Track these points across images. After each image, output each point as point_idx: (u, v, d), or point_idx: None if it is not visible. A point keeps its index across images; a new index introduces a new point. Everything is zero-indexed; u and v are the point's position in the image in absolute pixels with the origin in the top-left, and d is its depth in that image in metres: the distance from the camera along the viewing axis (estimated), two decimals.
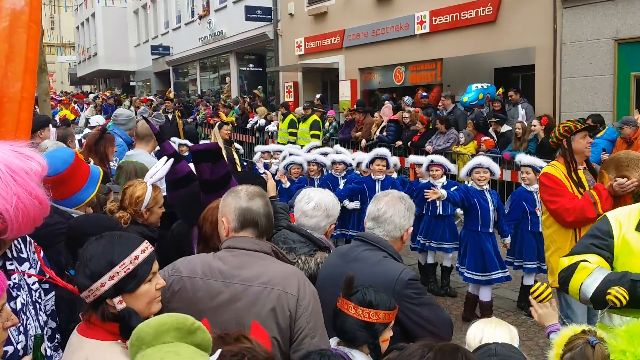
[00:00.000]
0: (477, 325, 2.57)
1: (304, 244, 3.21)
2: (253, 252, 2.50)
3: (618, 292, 2.46)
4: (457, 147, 11.25)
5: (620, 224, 2.68)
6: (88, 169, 3.35)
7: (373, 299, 2.49)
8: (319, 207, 3.29)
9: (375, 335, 2.46)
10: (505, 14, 13.03)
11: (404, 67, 16.24)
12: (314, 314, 2.41)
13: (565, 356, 2.10)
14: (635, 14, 10.40)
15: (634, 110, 10.73)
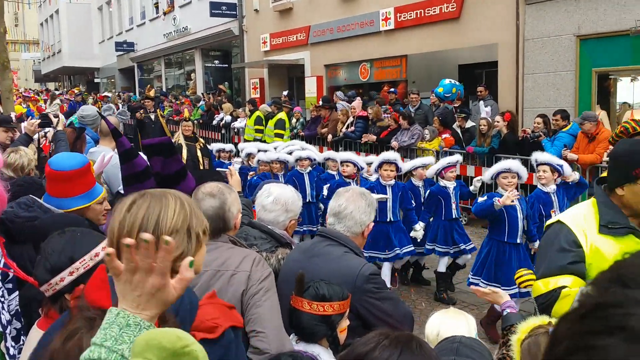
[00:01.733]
0: (436, 316, 2.62)
1: (265, 240, 3.21)
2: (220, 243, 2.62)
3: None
4: (422, 143, 11.31)
5: (584, 232, 2.59)
6: (92, 184, 3.37)
7: (326, 292, 2.52)
8: (277, 201, 3.29)
9: (332, 327, 2.50)
10: (468, 10, 13.14)
11: (369, 64, 16.29)
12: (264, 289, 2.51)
13: (524, 342, 2.16)
14: (597, 10, 10.58)
15: (595, 105, 10.92)
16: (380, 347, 1.66)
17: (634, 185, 2.49)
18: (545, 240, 2.76)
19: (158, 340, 1.45)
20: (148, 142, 3.50)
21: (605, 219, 2.56)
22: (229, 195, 2.74)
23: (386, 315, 2.79)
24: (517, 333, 2.20)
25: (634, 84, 11.06)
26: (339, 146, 13.22)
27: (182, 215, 1.60)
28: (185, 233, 1.58)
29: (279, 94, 17.89)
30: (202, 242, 1.68)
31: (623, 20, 10.08)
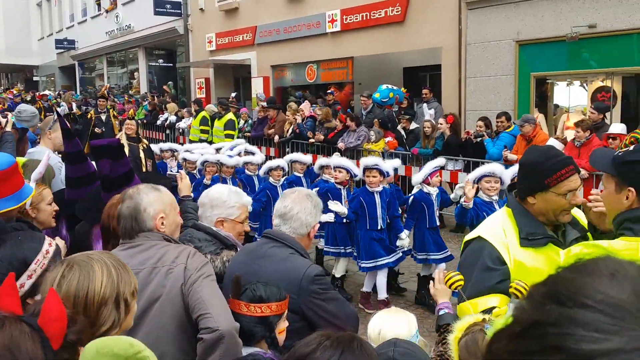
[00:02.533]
0: (378, 316, 2.65)
1: (210, 242, 3.18)
2: (140, 242, 2.61)
3: (519, 284, 2.52)
4: (368, 145, 11.43)
5: (506, 247, 2.57)
6: (20, 184, 3.20)
7: (263, 293, 2.53)
8: (205, 196, 3.31)
9: (271, 329, 2.51)
10: (413, 14, 13.36)
11: (316, 65, 16.35)
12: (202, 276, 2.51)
13: (461, 340, 2.20)
14: (535, 16, 10.93)
15: (534, 108, 11.28)
16: (321, 348, 1.68)
17: (545, 193, 2.51)
18: (468, 259, 2.69)
19: (109, 348, 1.47)
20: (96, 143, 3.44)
21: (524, 230, 2.55)
22: (145, 196, 2.69)
23: (331, 315, 2.80)
24: (454, 332, 2.25)
25: (569, 89, 11.47)
26: (286, 147, 13.23)
27: (109, 284, 1.66)
28: (114, 303, 1.64)
29: (225, 94, 17.78)
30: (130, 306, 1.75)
31: (560, 26, 10.44)
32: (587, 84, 11.15)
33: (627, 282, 0.71)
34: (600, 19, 10.01)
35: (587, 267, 0.74)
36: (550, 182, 2.48)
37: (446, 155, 10.28)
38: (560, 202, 2.50)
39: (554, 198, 2.50)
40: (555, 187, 2.48)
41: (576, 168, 2.56)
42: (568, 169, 2.50)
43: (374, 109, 12.78)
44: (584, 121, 8.79)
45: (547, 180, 2.48)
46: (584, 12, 10.20)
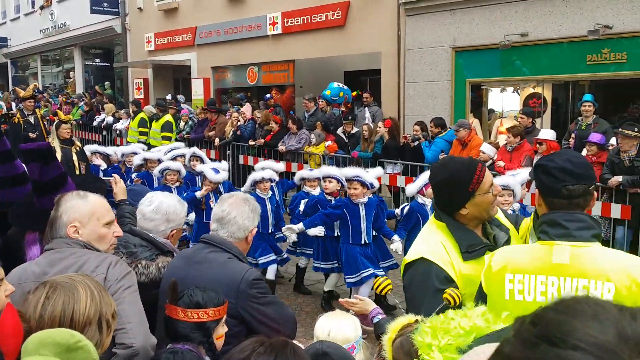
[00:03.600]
0: (325, 317, 2.67)
1: (146, 248, 3.13)
2: (62, 249, 2.55)
3: (452, 292, 2.59)
4: (309, 148, 11.50)
5: (451, 264, 2.60)
6: None
7: (200, 298, 2.51)
8: (158, 210, 3.23)
9: (208, 334, 2.49)
10: (353, 19, 13.51)
11: (257, 67, 16.31)
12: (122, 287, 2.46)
13: (395, 341, 2.26)
14: (470, 24, 11.24)
15: (469, 114, 11.59)
16: (255, 354, 1.70)
17: (474, 199, 2.59)
18: (415, 282, 2.66)
19: (52, 338, 1.55)
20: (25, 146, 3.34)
21: (464, 245, 2.59)
22: (65, 203, 2.65)
23: (269, 319, 2.81)
24: (388, 333, 2.32)
25: (503, 94, 11.86)
26: (226, 150, 13.16)
27: (93, 306, 1.67)
28: (97, 324, 1.65)
29: (165, 95, 17.50)
30: (111, 327, 1.81)
31: (494, 34, 10.78)
32: (520, 91, 11.56)
33: (609, 323, 0.76)
34: (532, 28, 10.39)
35: (572, 308, 0.79)
36: (474, 187, 2.58)
37: (385, 159, 10.47)
38: (487, 199, 2.63)
39: (482, 198, 2.61)
40: (479, 188, 2.59)
41: (482, 163, 2.72)
42: (479, 168, 2.63)
43: (316, 111, 12.86)
44: (515, 127, 9.10)
45: (471, 187, 2.58)
46: (517, 21, 10.57)
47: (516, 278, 2.18)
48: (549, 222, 2.18)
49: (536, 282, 2.14)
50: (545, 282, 2.12)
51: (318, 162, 11.37)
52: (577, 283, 2.07)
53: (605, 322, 0.76)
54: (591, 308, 0.79)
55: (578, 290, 2.06)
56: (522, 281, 2.17)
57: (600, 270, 2.06)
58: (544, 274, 2.13)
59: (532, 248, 2.24)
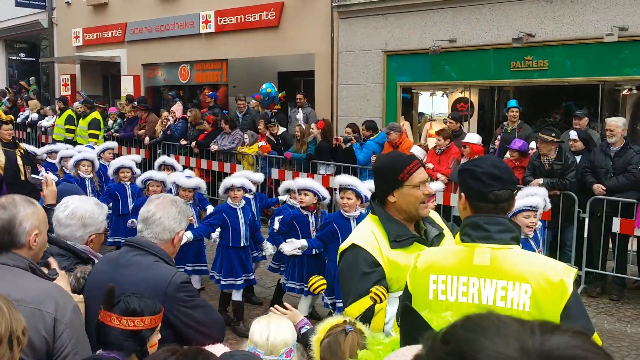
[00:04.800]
0: (261, 321, 2.65)
1: (64, 257, 3.01)
2: (6, 266, 2.38)
3: (378, 290, 2.67)
4: (242, 148, 11.44)
5: (379, 250, 2.76)
6: None
7: (137, 306, 2.45)
8: (73, 215, 3.11)
9: (143, 343, 2.44)
10: (287, 20, 13.53)
11: (189, 65, 16.08)
12: (75, 330, 2.36)
13: (323, 341, 2.28)
14: (401, 29, 11.46)
15: (400, 117, 11.81)
16: None
17: (402, 189, 2.77)
18: (346, 266, 2.84)
19: None
20: None
21: (392, 234, 2.77)
22: (22, 209, 2.51)
23: (197, 323, 2.78)
24: (316, 333, 2.34)
25: (432, 98, 12.15)
26: (157, 149, 12.91)
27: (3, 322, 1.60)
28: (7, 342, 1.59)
29: (93, 92, 17.03)
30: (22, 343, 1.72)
31: (424, 39, 11.03)
32: (448, 95, 11.87)
33: (512, 338, 0.81)
34: (460, 34, 10.69)
35: (478, 325, 0.84)
36: (403, 177, 2.76)
37: (318, 160, 10.54)
38: (416, 194, 2.77)
39: (410, 191, 2.76)
40: (409, 180, 2.76)
41: (420, 162, 2.88)
42: (414, 163, 2.82)
43: (249, 111, 12.80)
44: (444, 130, 9.35)
45: (400, 175, 2.76)
46: (446, 27, 10.86)
47: (440, 279, 2.25)
48: (472, 224, 2.25)
49: (458, 282, 2.21)
50: (466, 282, 2.20)
51: (251, 163, 11.34)
52: (497, 284, 2.15)
53: (509, 337, 0.81)
54: (495, 324, 0.83)
55: (497, 291, 2.13)
56: (445, 282, 2.24)
57: (518, 272, 2.14)
58: (465, 275, 2.20)
59: (455, 250, 2.31)
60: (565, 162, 7.82)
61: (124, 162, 8.35)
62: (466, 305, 2.19)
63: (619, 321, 6.96)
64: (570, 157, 7.92)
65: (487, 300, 2.16)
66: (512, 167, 8.19)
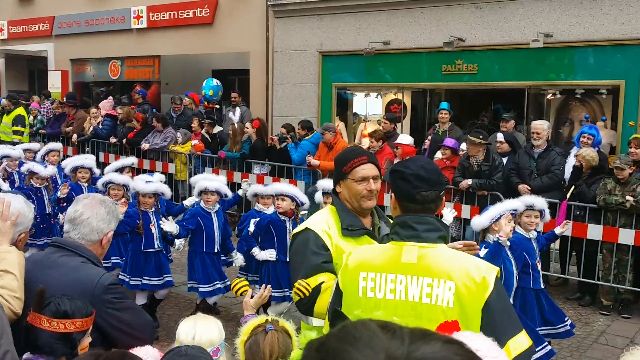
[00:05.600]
0: (188, 321, 2.65)
1: None
2: None
3: (301, 285, 2.74)
4: (175, 147, 11.24)
5: (329, 236, 2.88)
6: None
7: (68, 308, 2.39)
8: None
9: (73, 346, 2.38)
10: (221, 17, 13.40)
11: (120, 61, 15.70)
12: None
13: (246, 343, 2.29)
14: (336, 30, 11.54)
15: (335, 117, 11.90)
16: None
17: (345, 181, 2.88)
18: (298, 248, 2.96)
19: None
20: None
21: (345, 222, 2.89)
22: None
23: (126, 325, 2.73)
24: (240, 335, 2.35)
25: (367, 99, 12.29)
26: (85, 146, 12.53)
27: None
28: None
29: (18, 87, 16.36)
30: None
31: (359, 41, 11.15)
32: (382, 96, 12.04)
33: (380, 348, 0.82)
34: (394, 37, 10.87)
35: (350, 335, 0.85)
36: (346, 169, 2.87)
37: (253, 159, 10.48)
38: (356, 188, 2.86)
39: (352, 184, 2.87)
40: (351, 173, 2.86)
41: (370, 159, 2.93)
42: (360, 159, 2.90)
43: (185, 110, 12.59)
44: (377, 131, 9.48)
45: (344, 168, 2.87)
46: (380, 30, 11.01)
47: (369, 276, 2.30)
48: (401, 223, 2.33)
49: (386, 280, 2.27)
50: (394, 280, 2.26)
51: (184, 162, 11.16)
52: (423, 281, 2.21)
53: (376, 347, 0.83)
54: (367, 334, 0.86)
55: (423, 288, 2.20)
56: (374, 279, 2.29)
57: (443, 269, 2.21)
58: (393, 272, 2.26)
59: (384, 248, 2.37)
60: (492, 163, 8.08)
61: (83, 162, 7.80)
62: (394, 302, 2.25)
63: None
64: (497, 159, 8.20)
65: (413, 296, 2.22)
66: (443, 167, 8.43)
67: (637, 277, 7.37)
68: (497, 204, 5.41)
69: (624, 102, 8.95)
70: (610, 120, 9.66)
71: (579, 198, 7.52)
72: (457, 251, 2.46)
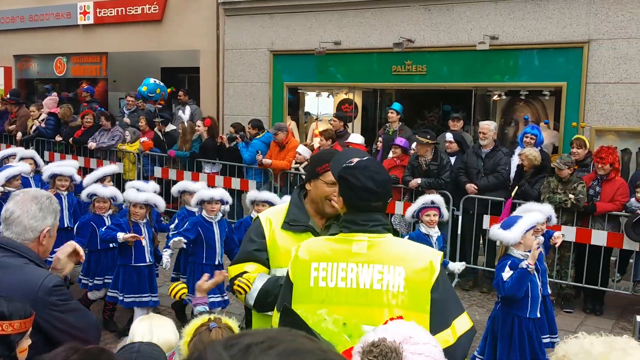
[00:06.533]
0: (143, 322, 2.66)
1: None
2: None
3: (241, 282, 2.77)
4: (123, 145, 11.04)
5: (270, 222, 2.95)
6: None
7: (5, 309, 2.33)
8: None
9: (11, 348, 2.33)
10: (171, 14, 13.24)
11: (65, 58, 15.33)
12: None
13: (190, 343, 2.30)
14: (287, 29, 11.55)
15: (287, 116, 11.90)
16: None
17: (317, 181, 2.91)
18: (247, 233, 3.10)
19: None
20: None
21: (289, 217, 2.94)
22: None
23: (71, 327, 2.69)
24: (184, 336, 2.34)
25: (318, 99, 12.33)
26: (29, 145, 12.17)
27: None
28: None
29: None
30: None
31: (310, 41, 11.18)
32: (334, 96, 12.11)
33: None
34: (344, 37, 10.95)
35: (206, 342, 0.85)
36: (319, 170, 2.89)
37: (203, 158, 10.39)
38: (324, 190, 2.89)
39: (321, 185, 2.90)
40: (323, 175, 2.88)
41: None
42: None
43: (137, 109, 12.38)
44: (327, 130, 9.53)
45: (318, 168, 2.90)
46: (331, 30, 11.07)
47: (321, 266, 2.38)
48: (349, 220, 2.43)
49: (338, 269, 2.36)
50: (345, 268, 2.35)
51: (132, 161, 10.97)
52: (374, 268, 2.32)
53: None
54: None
55: (374, 275, 2.31)
56: (325, 269, 2.37)
57: (393, 256, 2.34)
58: (344, 261, 2.36)
59: (335, 239, 2.46)
60: (440, 162, 8.23)
61: (62, 169, 7.08)
62: (345, 290, 2.33)
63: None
64: (445, 158, 8.35)
65: (364, 284, 2.31)
66: (394, 166, 8.55)
67: (579, 272, 7.63)
68: (524, 216, 5.12)
69: (565, 103, 9.25)
70: (553, 121, 9.97)
71: (523, 196, 7.74)
72: (403, 240, 2.58)
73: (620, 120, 8.81)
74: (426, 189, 8.26)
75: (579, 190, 7.33)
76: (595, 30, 8.92)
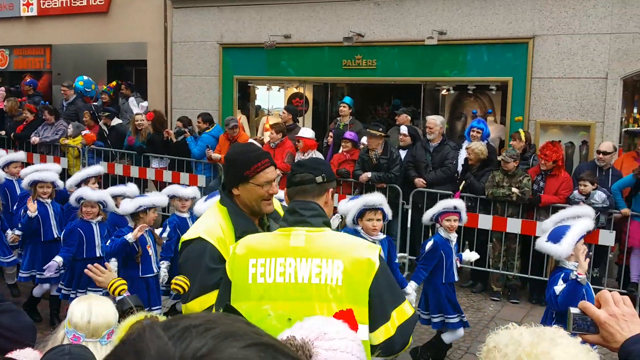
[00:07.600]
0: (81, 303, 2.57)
1: None
2: None
3: (180, 280, 2.71)
4: (66, 140, 10.74)
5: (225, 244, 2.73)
6: None
7: None
8: None
9: None
10: (117, 6, 12.93)
11: (8, 50, 14.82)
12: None
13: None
14: (237, 22, 11.42)
15: (237, 110, 11.78)
16: None
17: (246, 185, 2.80)
18: (190, 260, 2.79)
19: None
20: None
21: (239, 229, 2.77)
22: None
23: (4, 329, 2.58)
24: (119, 332, 2.28)
25: (269, 93, 12.25)
26: None
27: None
28: None
29: None
30: None
31: (260, 34, 11.08)
32: (284, 90, 12.04)
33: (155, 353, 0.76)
34: (294, 31, 10.89)
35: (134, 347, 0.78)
36: (249, 173, 2.78)
37: (151, 153, 10.19)
38: (259, 192, 2.81)
39: (254, 188, 2.80)
40: (254, 178, 2.79)
41: (271, 161, 2.89)
42: (263, 162, 2.82)
43: (76, 100, 12.06)
44: (278, 124, 9.48)
45: (246, 172, 2.78)
46: (281, 23, 10.99)
47: (259, 262, 2.35)
48: (289, 210, 2.43)
49: (276, 264, 2.33)
50: (283, 263, 2.33)
51: (76, 155, 10.68)
52: (312, 262, 2.31)
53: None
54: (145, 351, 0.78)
55: (312, 269, 2.29)
56: (263, 265, 2.35)
57: (331, 250, 2.33)
58: (283, 256, 2.34)
59: (273, 235, 2.45)
60: (390, 156, 8.29)
61: (43, 175, 6.55)
62: (283, 285, 2.31)
63: None
64: (395, 152, 8.41)
65: (302, 278, 2.30)
66: (344, 160, 8.57)
67: (524, 264, 7.80)
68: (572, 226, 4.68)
69: (511, 97, 9.41)
70: (500, 115, 10.15)
71: (470, 190, 7.86)
72: (341, 234, 2.57)
73: (564, 114, 9.03)
74: (376, 182, 8.30)
75: (525, 183, 7.48)
76: (539, 26, 9.11)
